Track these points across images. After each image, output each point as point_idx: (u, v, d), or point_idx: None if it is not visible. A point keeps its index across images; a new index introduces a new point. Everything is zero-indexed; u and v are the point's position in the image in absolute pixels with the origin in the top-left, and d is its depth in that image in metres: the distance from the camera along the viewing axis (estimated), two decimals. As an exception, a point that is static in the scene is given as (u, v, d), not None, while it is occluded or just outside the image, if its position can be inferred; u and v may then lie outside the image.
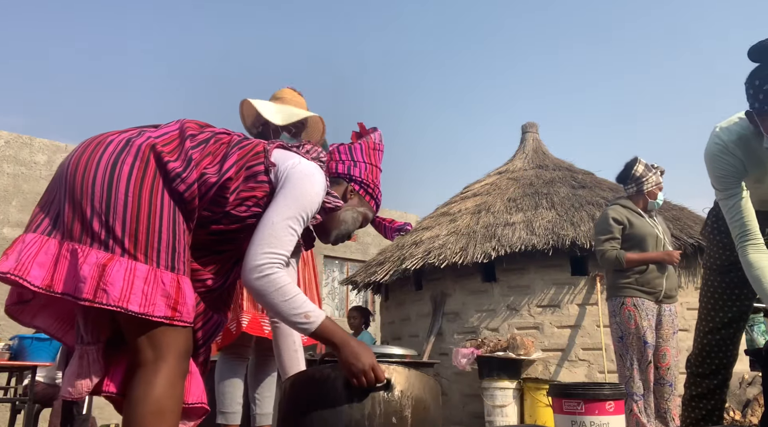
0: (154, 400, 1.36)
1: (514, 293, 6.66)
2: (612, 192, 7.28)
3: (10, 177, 9.93)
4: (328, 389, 1.55)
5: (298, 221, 1.54)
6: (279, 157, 1.61)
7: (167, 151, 1.47)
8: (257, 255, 1.48)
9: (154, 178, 1.43)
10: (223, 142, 1.57)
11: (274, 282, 1.48)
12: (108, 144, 1.45)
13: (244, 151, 1.57)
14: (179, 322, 1.40)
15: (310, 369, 1.70)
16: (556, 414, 2.57)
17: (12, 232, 9.82)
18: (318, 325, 1.51)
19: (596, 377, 6.15)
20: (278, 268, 1.50)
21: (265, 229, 1.51)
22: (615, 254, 3.75)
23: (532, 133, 9.02)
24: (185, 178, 1.45)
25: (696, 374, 2.65)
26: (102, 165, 1.41)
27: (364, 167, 1.80)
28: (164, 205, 1.43)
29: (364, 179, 1.79)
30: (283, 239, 1.51)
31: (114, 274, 1.34)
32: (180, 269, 1.43)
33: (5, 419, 5.39)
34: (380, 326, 8.60)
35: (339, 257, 13.89)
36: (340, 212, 1.74)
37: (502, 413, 5.77)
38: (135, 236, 1.38)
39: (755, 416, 5.80)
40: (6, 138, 10.07)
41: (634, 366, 3.64)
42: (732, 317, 2.54)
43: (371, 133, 1.88)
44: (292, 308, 1.49)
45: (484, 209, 7.48)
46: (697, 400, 2.65)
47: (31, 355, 4.93)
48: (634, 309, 3.68)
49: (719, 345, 2.57)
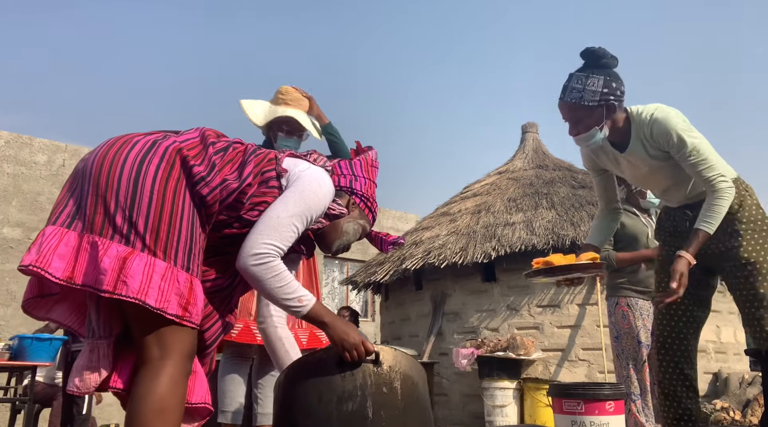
0: (157, 398, 1.37)
1: (514, 293, 6.66)
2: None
3: (10, 177, 9.92)
4: (320, 367, 1.65)
5: (302, 219, 1.59)
6: (290, 163, 1.68)
7: (192, 155, 1.52)
8: (257, 243, 1.53)
9: (178, 181, 1.48)
10: (239, 151, 1.63)
11: (270, 269, 1.53)
12: (135, 143, 1.49)
13: (259, 158, 1.64)
14: (188, 322, 1.43)
15: (303, 356, 1.80)
16: (556, 414, 2.57)
17: (12, 232, 9.82)
18: (310, 308, 1.59)
19: (596, 377, 6.15)
20: (274, 257, 1.54)
21: (269, 220, 1.56)
22: (605, 254, 3.78)
23: (532, 133, 9.03)
24: (209, 182, 1.50)
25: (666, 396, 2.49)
26: (129, 162, 1.45)
27: (364, 182, 1.87)
28: (185, 207, 1.47)
29: (364, 193, 1.86)
30: (284, 234, 1.56)
31: (134, 267, 1.37)
32: (194, 270, 1.48)
33: (5, 419, 5.39)
34: (380, 326, 8.60)
35: (339, 257, 13.89)
36: (343, 223, 1.80)
37: (502, 413, 5.77)
38: (156, 233, 1.42)
39: (755, 416, 5.80)
40: (6, 138, 10.07)
41: (630, 366, 3.65)
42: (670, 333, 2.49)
43: (368, 151, 1.97)
44: (286, 292, 1.55)
45: (484, 209, 7.49)
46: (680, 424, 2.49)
47: (31, 355, 4.92)
48: (628, 309, 3.69)
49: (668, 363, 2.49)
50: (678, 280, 2.20)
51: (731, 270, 2.35)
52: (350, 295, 13.53)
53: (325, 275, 13.68)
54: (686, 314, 2.48)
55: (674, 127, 2.23)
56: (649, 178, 2.46)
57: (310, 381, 1.64)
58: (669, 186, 2.44)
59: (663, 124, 2.24)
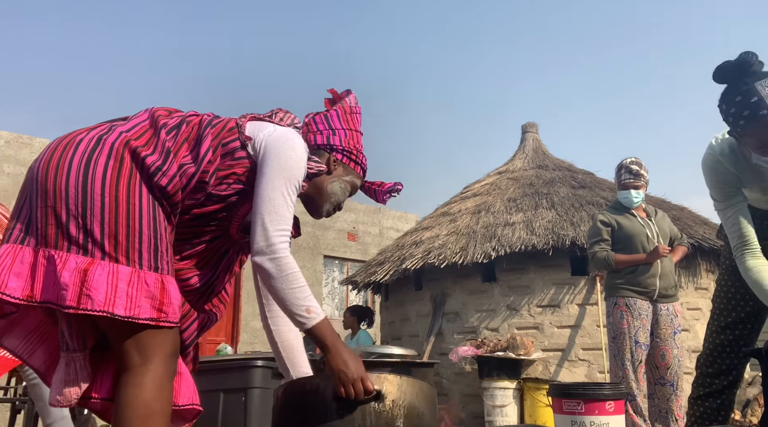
0: (142, 404, 1.33)
1: (514, 293, 6.66)
2: (612, 192, 7.28)
3: (10, 177, 9.93)
4: (318, 401, 1.50)
5: (290, 190, 1.50)
6: (253, 129, 1.56)
7: (142, 144, 1.41)
8: (267, 235, 1.45)
9: (131, 176, 1.38)
10: (193, 125, 1.52)
11: (285, 266, 1.45)
12: (78, 143, 1.40)
13: (217, 129, 1.53)
14: (165, 323, 1.36)
15: (301, 379, 1.66)
16: (556, 414, 2.57)
17: (12, 232, 9.82)
18: (316, 322, 1.47)
19: (596, 377, 6.15)
20: (288, 250, 1.48)
21: (265, 205, 1.47)
22: (605, 254, 3.80)
23: (532, 133, 9.03)
24: (166, 171, 1.41)
25: (705, 374, 2.60)
26: (75, 166, 1.36)
27: (344, 134, 1.71)
28: (143, 203, 1.38)
29: (346, 146, 1.70)
30: (284, 214, 1.49)
31: (97, 278, 1.29)
32: (164, 268, 1.39)
33: (5, 419, 5.38)
34: (380, 326, 8.60)
35: (339, 257, 13.88)
36: (327, 184, 1.68)
37: (502, 413, 5.78)
38: (115, 237, 1.33)
39: (755, 416, 5.80)
40: (6, 138, 10.07)
41: (626, 366, 3.64)
42: (745, 316, 2.49)
43: (345, 96, 1.78)
44: (296, 297, 1.46)
45: (484, 209, 7.49)
46: (703, 399, 2.60)
47: (31, 355, 4.92)
48: (626, 309, 3.70)
49: (731, 344, 2.52)
50: None
51: None
52: (350, 295, 13.53)
53: (325, 275, 13.68)
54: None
55: None
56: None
57: (303, 410, 1.51)
58: None
59: None
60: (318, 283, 13.33)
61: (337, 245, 13.81)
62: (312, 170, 1.59)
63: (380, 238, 14.32)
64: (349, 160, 1.71)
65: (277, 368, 3.31)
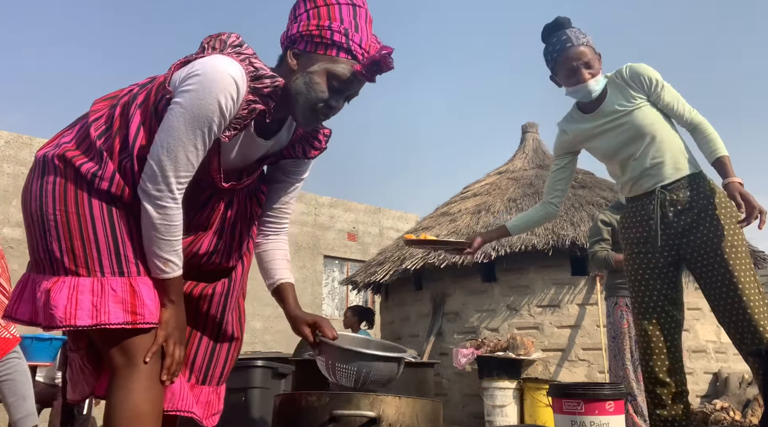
0: (130, 406, 1.36)
1: (514, 293, 6.66)
2: (612, 192, 7.28)
3: (10, 177, 9.93)
4: (312, 421, 1.50)
5: (196, 135, 1.36)
6: (178, 76, 1.40)
7: (78, 154, 1.41)
8: (159, 180, 1.37)
9: (76, 188, 1.39)
10: (123, 104, 1.43)
11: (169, 217, 1.39)
12: (34, 167, 1.46)
13: (145, 95, 1.42)
14: (143, 324, 1.38)
15: (296, 394, 1.65)
16: (556, 414, 2.57)
17: (12, 232, 9.82)
18: (169, 277, 1.43)
19: (596, 377, 6.15)
20: (179, 200, 1.40)
21: (161, 151, 1.36)
22: (604, 254, 3.80)
23: (532, 133, 9.02)
24: (103, 175, 1.39)
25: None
26: (34, 192, 1.43)
27: (307, 15, 1.44)
28: (94, 212, 1.39)
29: (304, 30, 1.43)
30: (182, 161, 1.37)
31: (57, 296, 1.35)
32: (131, 271, 1.40)
33: (5, 419, 5.37)
34: (380, 326, 8.60)
35: (339, 257, 13.89)
36: (290, 85, 1.45)
37: (502, 413, 5.78)
38: (72, 251, 1.37)
39: (755, 416, 5.79)
40: (6, 138, 10.07)
41: (626, 366, 3.64)
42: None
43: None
44: (165, 247, 1.41)
45: (484, 209, 7.49)
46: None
47: (31, 355, 4.92)
48: (626, 309, 3.70)
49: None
50: (752, 201, 2.10)
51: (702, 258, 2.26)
52: (350, 295, 13.53)
53: (325, 275, 13.68)
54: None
55: (647, 68, 2.38)
56: (620, 145, 2.38)
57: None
58: (640, 150, 2.35)
59: (637, 68, 2.38)
60: (318, 283, 13.33)
61: (337, 245, 13.81)
62: (267, 89, 1.40)
63: (380, 238, 14.32)
64: (312, 45, 1.43)
65: (277, 368, 3.34)
